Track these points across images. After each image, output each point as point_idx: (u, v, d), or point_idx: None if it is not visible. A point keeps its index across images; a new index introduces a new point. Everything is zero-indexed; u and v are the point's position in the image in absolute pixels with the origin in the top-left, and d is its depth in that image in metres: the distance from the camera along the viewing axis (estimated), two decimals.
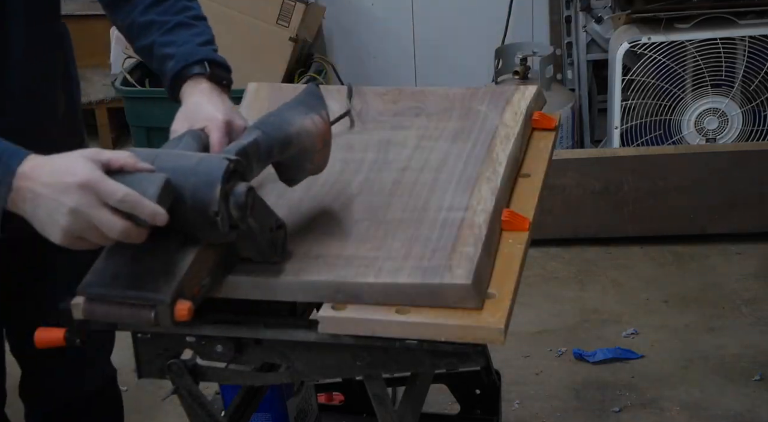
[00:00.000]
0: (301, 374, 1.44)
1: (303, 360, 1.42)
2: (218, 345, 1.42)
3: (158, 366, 1.46)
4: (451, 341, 1.32)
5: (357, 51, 4.24)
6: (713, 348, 2.84)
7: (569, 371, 2.78)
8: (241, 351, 1.43)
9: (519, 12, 4.09)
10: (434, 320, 1.33)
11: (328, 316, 1.36)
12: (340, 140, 1.74)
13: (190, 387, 1.48)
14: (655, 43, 3.39)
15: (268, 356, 1.43)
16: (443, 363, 1.37)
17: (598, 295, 3.14)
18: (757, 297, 3.07)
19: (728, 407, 2.59)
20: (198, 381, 1.48)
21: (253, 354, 1.43)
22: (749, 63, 3.42)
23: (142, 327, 1.39)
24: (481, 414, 2.19)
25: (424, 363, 1.38)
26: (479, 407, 2.19)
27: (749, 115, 3.51)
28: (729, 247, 3.36)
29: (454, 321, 1.32)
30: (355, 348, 1.38)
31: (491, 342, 1.32)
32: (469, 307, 1.34)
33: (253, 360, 1.44)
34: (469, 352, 1.34)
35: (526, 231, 1.51)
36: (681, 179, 3.34)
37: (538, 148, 1.78)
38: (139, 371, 1.48)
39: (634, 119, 3.49)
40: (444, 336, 1.32)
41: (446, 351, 1.34)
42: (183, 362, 1.46)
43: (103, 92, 4.34)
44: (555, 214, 3.38)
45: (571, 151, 3.55)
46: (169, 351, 1.45)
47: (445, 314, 1.33)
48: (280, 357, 1.43)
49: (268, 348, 1.42)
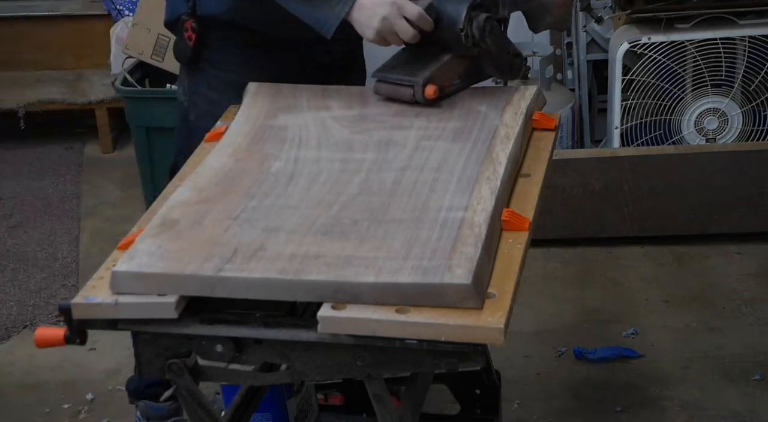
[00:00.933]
0: (301, 374, 1.44)
1: (303, 360, 1.43)
2: (218, 344, 1.42)
3: (158, 366, 1.46)
4: (451, 341, 1.33)
5: None
6: (713, 348, 2.84)
7: (569, 371, 2.78)
8: (241, 351, 1.43)
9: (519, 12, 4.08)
10: (434, 320, 1.33)
11: (327, 316, 1.36)
12: (340, 139, 1.74)
13: (190, 386, 1.48)
14: (655, 43, 3.39)
15: (268, 356, 1.43)
16: (444, 363, 1.37)
17: (598, 295, 3.14)
18: (757, 297, 3.07)
19: (728, 407, 2.59)
20: (198, 380, 1.48)
21: (253, 354, 1.43)
22: (749, 63, 3.42)
23: (402, 98, 1.82)
24: (481, 414, 2.19)
25: (425, 363, 1.38)
26: (479, 407, 2.19)
27: (749, 115, 3.51)
28: (729, 247, 3.36)
29: (453, 321, 1.32)
30: (356, 348, 1.38)
31: (491, 342, 1.32)
32: (469, 307, 1.34)
33: (253, 360, 1.44)
34: (469, 352, 1.35)
35: (526, 231, 1.51)
36: (681, 179, 3.34)
37: (538, 148, 1.79)
38: (140, 370, 1.48)
39: (634, 119, 3.49)
40: (444, 336, 1.33)
41: (447, 351, 1.35)
42: (183, 362, 1.46)
43: (103, 92, 4.34)
44: (555, 214, 3.38)
45: (571, 151, 3.55)
46: (168, 350, 1.45)
47: (444, 314, 1.33)
48: (280, 357, 1.43)
49: (268, 348, 1.42)
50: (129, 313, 1.42)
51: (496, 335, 1.31)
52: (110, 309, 1.41)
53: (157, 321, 1.42)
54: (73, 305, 1.42)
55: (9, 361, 2.91)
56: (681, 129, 3.52)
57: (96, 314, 1.42)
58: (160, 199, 1.66)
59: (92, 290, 1.44)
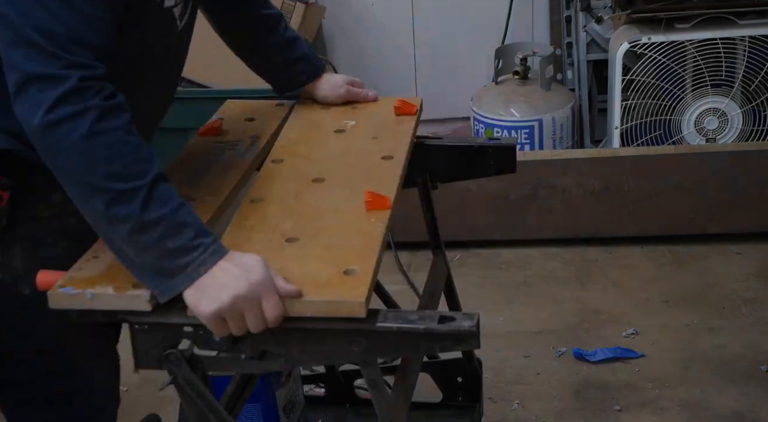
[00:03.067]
0: (297, 361, 1.46)
1: (300, 348, 1.44)
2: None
3: (155, 357, 1.47)
4: (318, 316, 1.39)
5: (357, 51, 4.24)
6: (713, 348, 2.84)
7: (569, 371, 2.78)
8: (237, 340, 1.43)
9: (519, 12, 4.08)
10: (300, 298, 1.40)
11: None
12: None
13: (188, 376, 1.48)
14: (655, 43, 3.39)
15: (265, 343, 1.44)
16: (439, 347, 1.42)
17: (598, 295, 3.14)
18: (757, 297, 3.07)
19: (728, 407, 2.59)
20: (195, 370, 1.48)
21: (251, 342, 1.44)
22: (749, 63, 3.42)
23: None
24: (463, 401, 2.25)
25: (421, 346, 1.42)
26: (461, 395, 2.25)
27: (749, 115, 3.51)
28: (729, 247, 3.36)
29: (318, 298, 1.40)
30: (352, 333, 1.41)
31: (354, 314, 1.38)
32: None
33: (250, 349, 1.45)
34: (463, 335, 1.38)
35: (388, 210, 1.60)
36: (681, 179, 3.34)
37: (399, 131, 1.88)
38: (137, 361, 1.48)
39: (634, 119, 3.49)
40: (310, 312, 1.39)
41: (442, 334, 1.39)
42: (180, 351, 1.46)
43: None
44: (555, 214, 3.38)
45: (571, 151, 3.55)
46: (165, 341, 1.46)
47: (310, 291, 1.40)
48: (276, 344, 1.44)
49: (264, 336, 1.43)
50: (105, 305, 1.43)
51: (358, 308, 1.38)
52: (85, 301, 1.43)
53: (156, 312, 1.43)
54: (50, 295, 1.43)
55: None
56: (681, 129, 3.52)
57: (72, 304, 1.44)
58: None
59: (69, 281, 1.46)
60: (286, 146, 1.86)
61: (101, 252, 1.50)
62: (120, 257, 1.42)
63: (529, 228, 3.41)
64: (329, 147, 1.85)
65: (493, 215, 3.37)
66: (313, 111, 2.01)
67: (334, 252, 1.49)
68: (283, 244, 1.52)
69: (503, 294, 3.17)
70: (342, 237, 1.54)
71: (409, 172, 1.83)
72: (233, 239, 1.54)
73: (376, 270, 1.46)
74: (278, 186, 1.71)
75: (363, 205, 1.61)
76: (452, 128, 4.22)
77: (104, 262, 1.49)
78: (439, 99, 4.05)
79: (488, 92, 3.80)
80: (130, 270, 1.42)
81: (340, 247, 1.51)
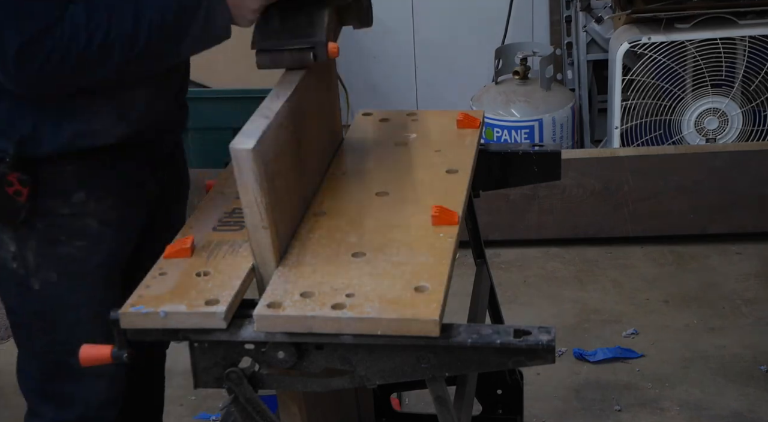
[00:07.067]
0: (363, 378, 1.41)
1: (366, 364, 1.40)
2: (280, 351, 1.39)
3: (215, 375, 1.43)
4: (388, 334, 1.34)
5: (357, 51, 4.24)
6: (713, 348, 2.84)
7: (569, 371, 2.78)
8: (302, 357, 1.40)
9: (519, 12, 4.09)
10: (368, 315, 1.35)
11: (262, 315, 1.36)
12: None
13: (249, 395, 1.44)
14: (655, 43, 3.39)
15: (330, 361, 1.40)
16: (512, 362, 1.37)
17: (598, 295, 3.14)
18: (757, 297, 3.07)
19: (728, 407, 2.59)
20: (257, 389, 1.44)
21: (315, 360, 1.40)
22: (749, 63, 3.42)
23: (302, 64, 1.59)
24: (503, 414, 2.20)
25: (491, 362, 1.38)
26: (501, 407, 2.19)
27: (749, 115, 3.51)
28: (729, 247, 3.36)
29: (388, 315, 1.34)
30: (420, 349, 1.37)
31: (427, 333, 1.34)
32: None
33: (315, 366, 1.41)
34: (540, 350, 1.35)
35: (456, 225, 1.55)
36: (681, 179, 3.34)
37: (464, 145, 1.85)
38: (196, 380, 1.44)
39: (634, 119, 3.49)
40: (380, 330, 1.34)
41: (516, 349, 1.35)
42: (242, 370, 1.42)
43: None
44: (555, 214, 3.38)
45: (571, 151, 3.55)
46: (226, 359, 1.42)
47: (379, 308, 1.36)
48: (341, 362, 1.40)
49: (329, 353, 1.39)
50: (178, 323, 1.38)
51: (431, 327, 1.33)
52: (158, 320, 1.38)
53: (215, 330, 1.39)
54: (122, 315, 1.38)
55: (9, 361, 2.90)
56: (681, 129, 3.53)
57: (144, 324, 1.39)
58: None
59: (139, 300, 1.41)
60: (348, 160, 1.82)
61: (168, 269, 1.46)
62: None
63: (529, 228, 3.41)
64: (391, 160, 1.81)
65: (493, 215, 3.37)
66: (371, 123, 1.97)
67: (404, 268, 1.45)
68: (350, 259, 1.48)
69: (503, 294, 3.17)
70: (410, 252, 1.49)
71: None
72: (297, 253, 1.50)
73: (447, 287, 1.41)
74: (341, 199, 1.67)
75: (429, 219, 1.56)
76: None
77: (172, 279, 1.44)
78: (439, 99, 4.06)
79: (488, 92, 3.80)
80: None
81: (410, 263, 1.46)
